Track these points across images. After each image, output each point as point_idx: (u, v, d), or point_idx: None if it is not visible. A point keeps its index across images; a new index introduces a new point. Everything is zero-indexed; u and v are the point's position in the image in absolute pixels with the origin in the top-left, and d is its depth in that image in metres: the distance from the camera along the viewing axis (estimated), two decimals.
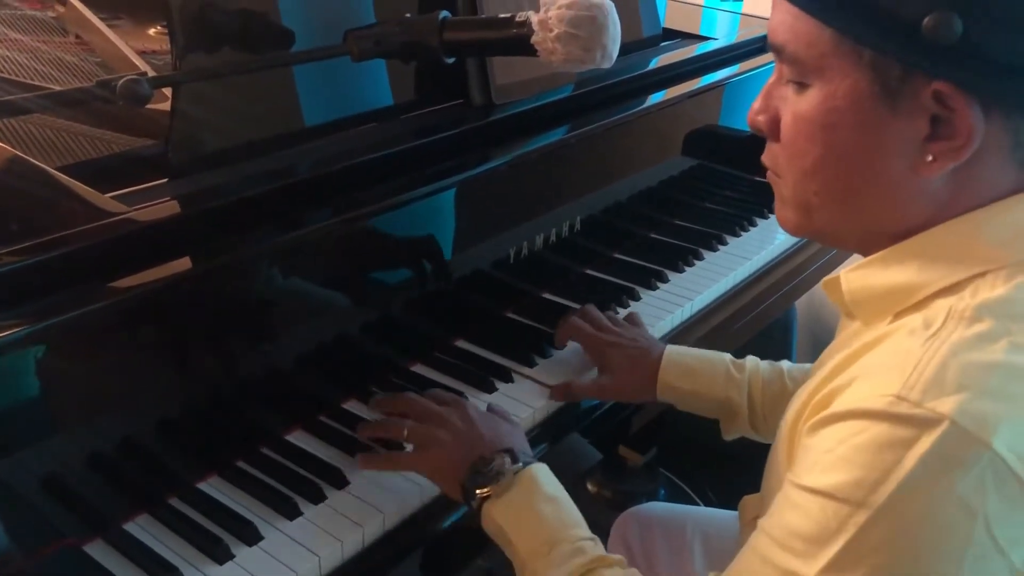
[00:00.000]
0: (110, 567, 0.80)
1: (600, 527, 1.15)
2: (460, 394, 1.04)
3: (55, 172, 0.89)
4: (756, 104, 0.74)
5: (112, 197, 0.85)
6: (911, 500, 0.57)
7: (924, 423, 0.57)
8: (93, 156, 1.02)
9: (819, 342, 0.87)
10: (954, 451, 0.57)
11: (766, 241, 1.48)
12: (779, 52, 0.69)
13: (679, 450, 1.93)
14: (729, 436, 1.09)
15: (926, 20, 0.59)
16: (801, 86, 0.68)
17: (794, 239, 1.50)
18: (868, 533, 0.58)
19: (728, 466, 1.49)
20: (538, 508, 0.82)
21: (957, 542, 0.57)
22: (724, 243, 1.46)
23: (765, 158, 0.75)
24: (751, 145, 0.75)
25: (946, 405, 0.57)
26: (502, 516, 0.82)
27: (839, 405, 0.63)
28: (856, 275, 0.71)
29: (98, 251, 0.78)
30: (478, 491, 0.84)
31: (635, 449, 1.90)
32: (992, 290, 0.63)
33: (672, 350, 1.08)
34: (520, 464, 0.85)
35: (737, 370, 1.05)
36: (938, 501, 0.57)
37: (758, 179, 1.55)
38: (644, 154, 1.40)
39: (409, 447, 0.93)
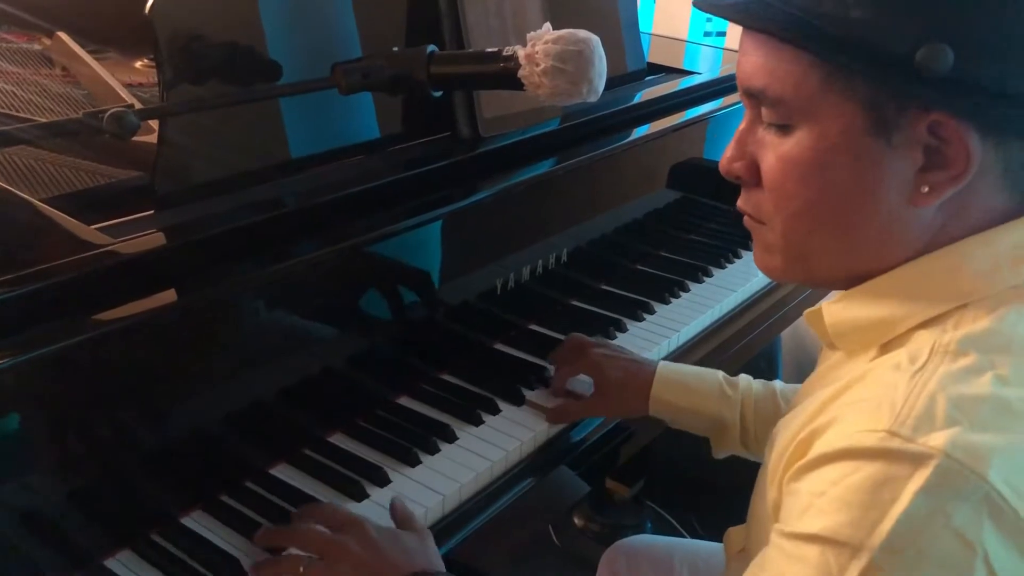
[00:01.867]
0: None
1: (588, 561, 1.13)
2: (446, 427, 1.03)
3: (40, 203, 0.88)
4: (730, 152, 0.72)
5: (97, 228, 0.85)
6: (910, 536, 0.56)
7: (918, 458, 0.57)
8: (78, 187, 1.01)
9: (804, 372, 0.87)
10: (950, 483, 0.56)
11: (751, 272, 1.48)
12: (756, 97, 0.68)
13: (665, 483, 1.93)
14: (719, 454, 1.08)
15: (919, 53, 0.59)
16: (784, 128, 0.67)
17: None
18: (871, 575, 0.57)
19: (714, 498, 1.48)
20: None
21: None
22: (709, 275, 1.46)
23: (744, 205, 0.74)
24: None
25: (938, 439, 0.57)
26: None
27: (824, 446, 0.61)
28: (838, 307, 0.71)
29: (82, 283, 0.78)
30: None
31: (622, 482, 1.89)
32: (974, 322, 0.63)
33: (665, 366, 1.08)
34: None
35: (730, 388, 1.05)
36: (936, 535, 0.56)
37: None
38: (630, 187, 1.40)
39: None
